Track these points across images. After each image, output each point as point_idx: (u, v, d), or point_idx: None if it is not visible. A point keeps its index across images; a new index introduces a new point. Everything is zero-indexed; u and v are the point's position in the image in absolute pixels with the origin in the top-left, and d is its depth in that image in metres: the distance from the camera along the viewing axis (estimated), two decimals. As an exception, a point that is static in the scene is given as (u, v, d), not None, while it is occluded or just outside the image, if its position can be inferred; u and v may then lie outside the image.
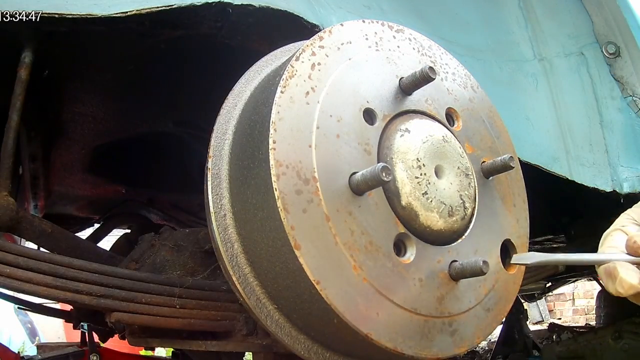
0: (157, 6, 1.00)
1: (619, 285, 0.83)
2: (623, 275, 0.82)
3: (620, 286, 0.82)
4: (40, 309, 1.75)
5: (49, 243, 1.29)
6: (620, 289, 0.83)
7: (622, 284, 0.82)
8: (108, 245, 1.78)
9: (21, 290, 1.01)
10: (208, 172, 0.91)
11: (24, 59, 1.11)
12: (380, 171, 0.76)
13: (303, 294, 0.79)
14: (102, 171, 2.08)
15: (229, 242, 0.88)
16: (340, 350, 0.92)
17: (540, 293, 4.02)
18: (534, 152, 1.43)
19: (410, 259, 0.85)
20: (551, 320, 6.27)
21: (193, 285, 1.17)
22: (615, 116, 1.56)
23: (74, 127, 1.74)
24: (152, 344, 1.24)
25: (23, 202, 1.94)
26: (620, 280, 0.82)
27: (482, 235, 0.97)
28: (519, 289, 1.02)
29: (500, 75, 1.51)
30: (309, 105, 0.82)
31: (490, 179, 1.02)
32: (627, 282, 0.82)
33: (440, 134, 0.93)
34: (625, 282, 0.82)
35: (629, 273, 0.82)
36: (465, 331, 0.90)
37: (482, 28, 1.56)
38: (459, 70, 1.07)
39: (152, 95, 1.64)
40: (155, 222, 2.30)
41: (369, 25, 0.95)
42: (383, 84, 0.92)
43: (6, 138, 1.13)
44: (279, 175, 0.76)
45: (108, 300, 1.06)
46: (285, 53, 1.04)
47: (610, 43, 1.58)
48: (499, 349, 3.29)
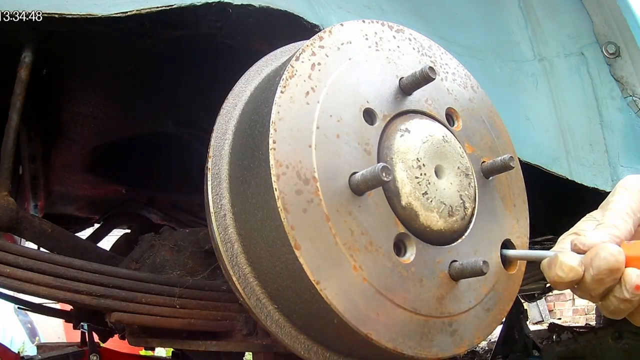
0: (157, 6, 1.00)
1: (558, 269, 0.81)
2: (563, 259, 0.81)
3: (560, 269, 0.81)
4: (40, 309, 1.75)
5: (49, 243, 1.29)
6: (561, 272, 0.81)
7: (562, 267, 0.81)
8: (108, 245, 1.78)
9: (21, 290, 1.01)
10: (208, 172, 0.91)
11: (24, 59, 1.11)
12: (380, 171, 0.76)
13: (303, 294, 0.79)
14: (102, 171, 2.08)
15: (229, 242, 0.88)
16: (340, 350, 0.92)
17: (540, 293, 4.03)
18: (534, 152, 1.43)
19: (410, 259, 0.85)
20: (551, 320, 6.28)
21: (193, 285, 1.17)
22: (615, 116, 1.56)
23: (74, 127, 1.74)
24: (152, 344, 1.23)
25: (23, 202, 1.94)
26: (560, 264, 0.81)
27: (482, 235, 0.97)
28: (519, 289, 1.02)
29: (500, 75, 1.51)
30: (309, 105, 0.82)
31: (490, 179, 1.02)
32: (567, 264, 0.80)
33: (440, 134, 0.94)
34: (565, 265, 0.80)
35: (569, 255, 0.81)
36: (465, 331, 0.90)
37: (482, 28, 1.56)
38: (459, 70, 1.07)
39: (152, 95, 1.64)
40: (155, 222, 2.30)
41: (369, 25, 0.95)
42: (383, 84, 0.92)
43: (6, 138, 1.13)
44: (279, 175, 0.76)
45: (108, 300, 1.06)
46: (285, 53, 1.04)
47: (610, 43, 1.58)
48: (499, 349, 3.29)
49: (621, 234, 0.83)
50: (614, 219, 0.85)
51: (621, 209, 0.87)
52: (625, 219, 0.86)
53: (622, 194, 0.90)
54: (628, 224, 0.85)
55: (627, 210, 0.87)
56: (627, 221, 0.85)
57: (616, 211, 0.87)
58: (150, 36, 1.17)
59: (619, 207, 0.88)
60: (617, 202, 0.89)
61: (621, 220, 0.85)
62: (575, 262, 0.80)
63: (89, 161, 1.98)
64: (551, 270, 0.83)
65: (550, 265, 0.84)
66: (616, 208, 0.88)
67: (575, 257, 0.81)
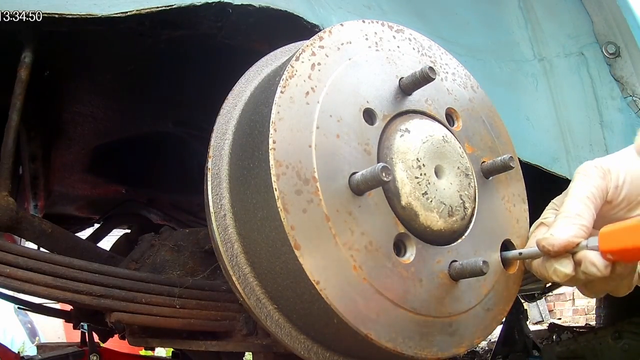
0: (157, 6, 1.00)
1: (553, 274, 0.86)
2: (558, 266, 0.86)
3: (555, 275, 0.86)
4: (40, 309, 1.75)
5: (49, 243, 1.29)
6: (556, 277, 0.86)
7: (557, 273, 0.86)
8: (108, 245, 1.78)
9: (21, 290, 1.01)
10: (208, 172, 0.91)
11: (24, 59, 1.11)
12: (380, 171, 0.76)
13: (303, 294, 0.79)
14: (102, 171, 2.08)
15: (229, 242, 0.88)
16: (340, 350, 0.92)
17: (540, 293, 4.02)
18: (534, 152, 1.43)
19: (410, 259, 0.85)
20: (551, 320, 6.28)
21: (193, 285, 1.17)
22: (615, 116, 1.56)
23: (74, 127, 1.74)
24: (152, 344, 1.23)
25: (23, 202, 1.94)
26: (555, 270, 0.86)
27: (482, 235, 0.97)
28: (519, 289, 1.02)
29: (500, 75, 1.51)
30: (309, 105, 0.82)
31: (490, 179, 1.02)
32: (563, 272, 0.85)
33: (440, 134, 0.94)
34: (560, 272, 0.85)
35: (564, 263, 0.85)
36: (465, 331, 0.90)
37: (482, 28, 1.56)
38: (459, 70, 1.07)
39: (152, 95, 1.64)
40: (155, 222, 2.30)
41: (369, 25, 0.95)
42: (383, 84, 0.92)
43: (6, 138, 1.13)
44: (279, 175, 0.76)
45: (108, 300, 1.06)
46: (285, 53, 1.04)
47: (610, 43, 1.58)
48: (499, 349, 3.29)
49: (586, 221, 0.85)
50: (576, 207, 0.86)
51: (582, 195, 0.88)
52: (588, 204, 0.87)
53: (581, 180, 0.90)
54: (590, 210, 0.86)
55: (589, 195, 0.88)
56: (589, 206, 0.87)
57: (577, 197, 0.88)
58: (150, 36, 1.17)
59: (580, 193, 0.88)
60: (577, 188, 0.89)
61: (583, 206, 0.86)
62: (570, 270, 0.85)
63: (88, 161, 1.98)
64: (545, 273, 0.89)
65: (544, 267, 0.88)
66: (576, 195, 0.88)
67: (568, 264, 0.85)
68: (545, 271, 0.89)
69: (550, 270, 0.87)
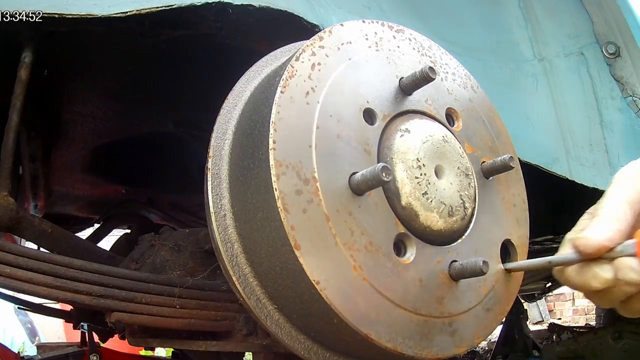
0: (157, 6, 1.00)
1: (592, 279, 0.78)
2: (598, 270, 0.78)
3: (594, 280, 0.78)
4: (40, 309, 1.75)
5: (49, 243, 1.29)
6: (595, 282, 0.78)
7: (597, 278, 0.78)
8: (108, 245, 1.78)
9: (21, 290, 1.01)
10: (208, 172, 0.91)
11: (24, 59, 1.11)
12: (380, 171, 0.76)
13: (303, 294, 0.79)
14: (102, 171, 2.08)
15: (229, 242, 0.88)
16: (340, 350, 0.92)
17: (540, 293, 4.03)
18: (534, 152, 1.43)
19: (410, 259, 0.85)
20: (551, 320, 6.28)
21: (193, 285, 1.17)
22: (615, 116, 1.56)
23: (74, 127, 1.74)
24: (152, 344, 1.23)
25: (23, 202, 1.94)
26: (595, 274, 0.78)
27: (482, 235, 0.97)
28: (519, 289, 1.02)
29: (500, 75, 1.51)
30: (309, 105, 0.82)
31: (490, 179, 1.02)
32: (603, 277, 0.77)
33: (440, 134, 0.94)
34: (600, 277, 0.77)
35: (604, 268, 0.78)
36: (465, 331, 0.90)
37: (482, 28, 1.56)
38: (459, 70, 1.07)
39: (152, 95, 1.64)
40: (155, 222, 2.30)
41: (369, 25, 0.95)
42: (383, 84, 0.92)
43: (6, 138, 1.13)
44: (279, 175, 0.76)
45: (108, 300, 1.06)
46: (285, 53, 1.04)
47: (610, 43, 1.58)
48: (499, 349, 3.30)
49: (623, 226, 0.78)
50: (613, 210, 0.80)
51: (621, 198, 0.81)
52: (626, 208, 0.80)
53: (620, 183, 0.83)
54: (627, 215, 0.79)
55: (628, 198, 0.81)
56: (627, 211, 0.79)
57: (616, 201, 0.81)
58: (150, 36, 1.17)
59: (619, 196, 0.81)
60: (616, 192, 0.83)
61: (621, 210, 0.79)
62: (611, 275, 0.77)
63: (88, 161, 1.98)
64: (582, 278, 0.80)
65: (581, 273, 0.80)
66: (615, 197, 0.82)
67: (609, 269, 0.77)
68: (582, 277, 0.80)
69: (589, 274, 0.78)
